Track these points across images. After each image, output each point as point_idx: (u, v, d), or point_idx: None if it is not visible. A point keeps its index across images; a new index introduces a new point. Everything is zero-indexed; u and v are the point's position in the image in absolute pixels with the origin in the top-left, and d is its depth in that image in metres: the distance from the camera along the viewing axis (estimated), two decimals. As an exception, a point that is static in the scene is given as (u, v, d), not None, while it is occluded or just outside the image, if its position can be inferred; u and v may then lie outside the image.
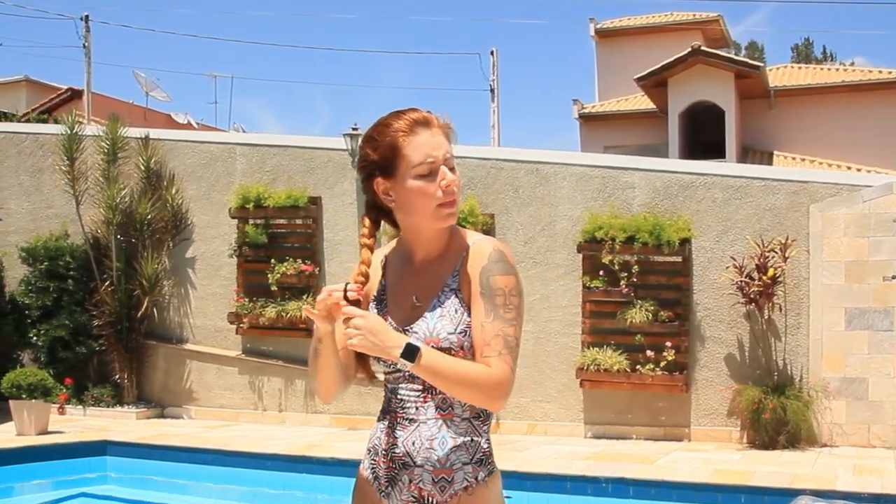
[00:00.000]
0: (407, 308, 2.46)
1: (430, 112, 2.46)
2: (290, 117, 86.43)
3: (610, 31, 25.69)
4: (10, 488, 8.88)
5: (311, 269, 11.51)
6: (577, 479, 7.99)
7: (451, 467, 2.40)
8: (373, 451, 2.53)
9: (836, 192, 10.18)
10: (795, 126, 22.12)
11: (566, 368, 10.81)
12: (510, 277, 2.40)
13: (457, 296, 2.41)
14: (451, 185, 2.40)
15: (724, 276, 10.24)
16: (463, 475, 2.41)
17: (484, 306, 2.37)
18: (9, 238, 12.79)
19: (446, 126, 2.46)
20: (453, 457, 2.41)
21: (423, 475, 2.41)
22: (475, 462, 2.43)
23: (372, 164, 2.45)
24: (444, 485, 2.40)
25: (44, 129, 13.86)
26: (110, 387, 12.00)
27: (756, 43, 56.15)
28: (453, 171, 2.42)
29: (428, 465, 2.41)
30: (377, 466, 2.50)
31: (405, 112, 2.44)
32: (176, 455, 9.28)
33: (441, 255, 2.48)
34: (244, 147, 12.35)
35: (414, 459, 2.42)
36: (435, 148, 2.40)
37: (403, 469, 2.43)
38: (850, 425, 9.94)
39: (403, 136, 2.39)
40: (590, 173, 10.98)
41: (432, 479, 2.41)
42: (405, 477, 2.43)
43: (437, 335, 2.37)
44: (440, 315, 2.40)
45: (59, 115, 19.99)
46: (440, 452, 2.40)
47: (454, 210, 2.43)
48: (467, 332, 2.39)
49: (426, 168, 2.38)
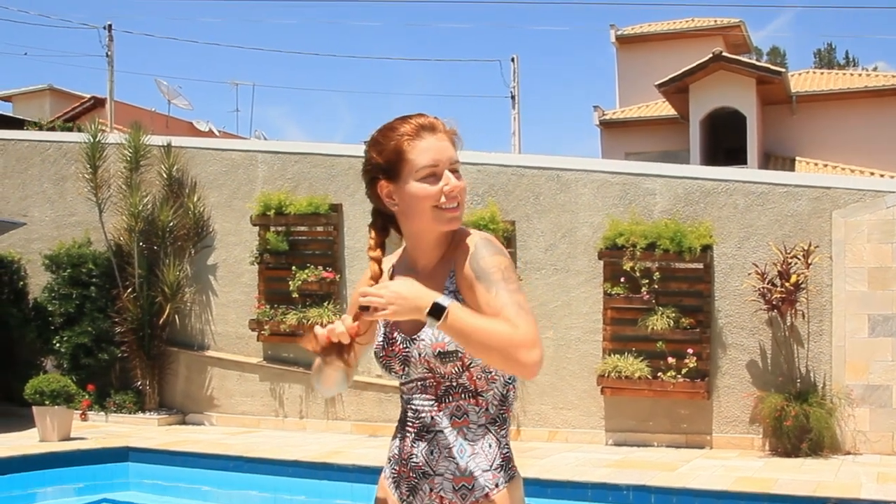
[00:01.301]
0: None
1: (436, 118, 2.46)
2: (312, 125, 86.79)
3: (631, 38, 25.65)
4: (33, 494, 8.94)
5: (332, 276, 11.53)
6: (598, 487, 7.97)
7: (470, 474, 2.40)
8: (393, 459, 2.53)
9: (860, 197, 10.11)
10: (818, 132, 22.01)
11: (587, 375, 10.78)
12: (500, 257, 2.38)
13: (456, 297, 2.37)
14: (455, 190, 2.39)
15: (746, 283, 10.19)
16: (483, 482, 2.40)
17: (483, 287, 2.32)
18: (32, 245, 12.88)
19: (452, 132, 2.46)
20: (472, 464, 2.40)
21: (443, 483, 2.41)
22: (495, 468, 2.42)
23: (376, 168, 2.47)
24: (465, 492, 2.40)
25: (67, 137, 13.96)
26: (132, 393, 12.05)
27: (778, 48, 56.01)
28: (458, 177, 2.41)
29: (447, 473, 2.41)
30: (398, 476, 2.50)
31: (411, 117, 2.44)
32: (197, 461, 9.32)
33: (442, 261, 2.47)
34: (265, 154, 12.39)
35: (434, 469, 2.42)
36: (439, 152, 2.39)
37: (424, 478, 2.44)
38: (873, 433, 9.86)
39: (408, 139, 2.40)
40: (611, 180, 10.96)
41: (453, 487, 2.41)
42: (426, 486, 2.44)
43: (442, 339, 2.36)
44: None
45: (82, 123, 20.15)
46: (459, 460, 2.40)
47: (457, 214, 2.41)
48: None
49: (429, 171, 2.38)
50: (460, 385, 2.41)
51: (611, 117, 24.17)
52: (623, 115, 24.40)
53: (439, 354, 2.37)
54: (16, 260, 12.74)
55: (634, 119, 24.07)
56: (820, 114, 22.20)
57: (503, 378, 2.46)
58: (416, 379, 2.46)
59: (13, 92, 27.74)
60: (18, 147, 13.33)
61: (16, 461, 9.02)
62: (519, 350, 2.18)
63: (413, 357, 2.42)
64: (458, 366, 2.38)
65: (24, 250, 12.85)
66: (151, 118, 22.71)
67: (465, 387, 2.41)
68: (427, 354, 2.39)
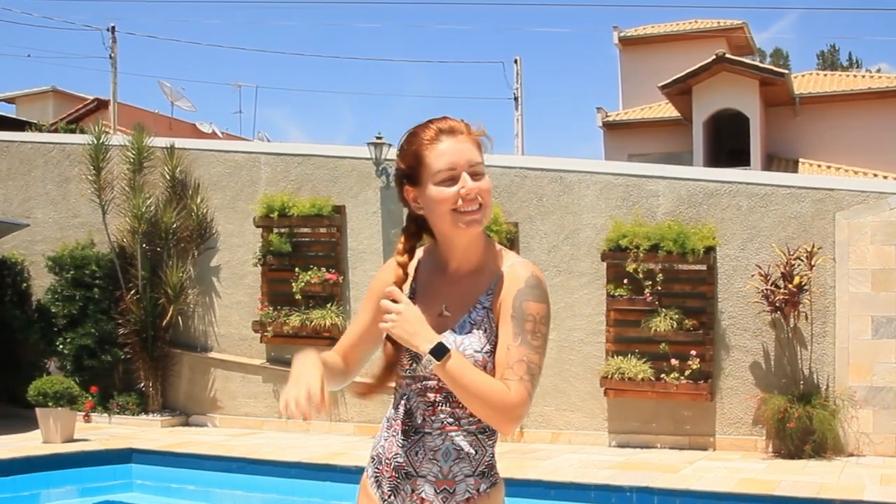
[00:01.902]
0: (434, 315, 2.45)
1: (461, 121, 2.46)
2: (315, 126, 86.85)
3: (634, 39, 25.61)
4: (37, 495, 8.95)
5: (336, 278, 11.53)
6: (601, 489, 7.97)
7: (453, 479, 2.42)
8: (377, 458, 2.55)
9: (863, 199, 10.11)
10: (821, 133, 21.97)
11: (590, 377, 10.78)
12: (542, 305, 2.40)
13: (488, 316, 2.40)
14: (472, 192, 2.39)
15: (750, 285, 10.19)
16: (465, 487, 2.43)
17: (513, 329, 2.36)
18: (35, 247, 12.89)
19: (478, 134, 2.47)
20: (456, 468, 2.42)
21: (424, 486, 2.43)
22: (477, 474, 2.45)
23: (400, 173, 2.49)
24: (447, 495, 2.43)
25: (70, 139, 13.97)
26: (135, 395, 12.05)
27: (781, 50, 56.00)
28: (479, 179, 2.41)
29: (430, 475, 2.43)
30: (381, 475, 2.52)
31: (434, 121, 2.46)
32: (200, 463, 9.33)
33: (476, 269, 2.48)
34: (269, 156, 12.40)
35: (417, 470, 2.44)
36: (456, 155, 2.40)
37: (406, 479, 2.46)
38: (877, 434, 9.85)
39: (427, 144, 2.41)
40: (614, 181, 10.96)
41: (434, 490, 2.43)
42: (408, 486, 2.46)
43: (463, 350, 2.37)
44: (469, 332, 2.40)
45: (85, 125, 20.18)
46: (443, 464, 2.42)
47: (477, 217, 2.41)
48: (492, 354, 2.38)
49: (447, 175, 2.39)
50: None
51: (614, 119, 24.15)
52: (626, 116, 24.37)
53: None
54: (19, 261, 12.75)
55: (637, 121, 24.03)
56: (823, 115, 22.16)
57: None
58: (419, 377, 2.46)
59: (16, 93, 27.75)
60: (22, 149, 13.34)
61: (19, 463, 9.03)
62: (501, 411, 2.31)
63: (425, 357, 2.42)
64: None
65: (28, 252, 12.86)
66: (155, 120, 22.72)
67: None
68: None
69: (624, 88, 25.72)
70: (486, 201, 2.43)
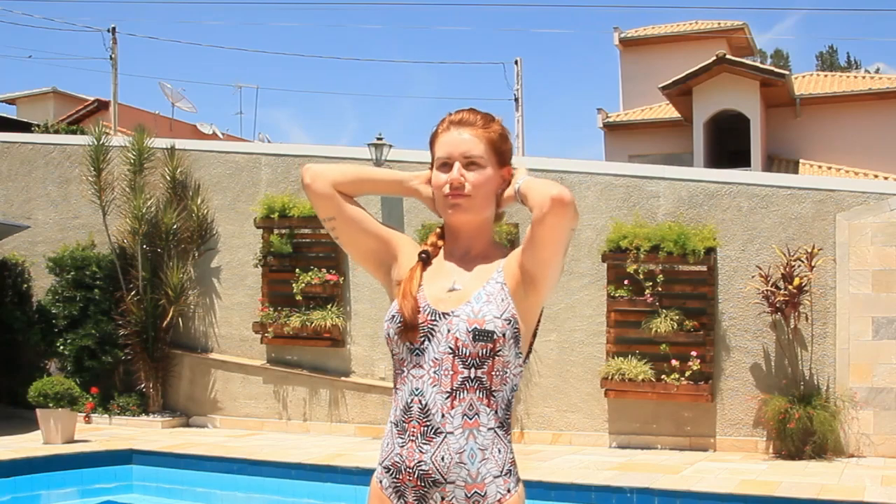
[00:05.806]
0: (442, 290, 2.47)
1: (481, 115, 2.57)
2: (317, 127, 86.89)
3: (634, 41, 25.62)
4: (37, 496, 8.95)
5: (336, 279, 11.53)
6: (601, 490, 7.96)
7: (482, 481, 2.38)
8: (394, 468, 2.46)
9: (863, 200, 10.11)
10: (821, 134, 21.97)
11: (591, 378, 10.77)
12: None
13: (503, 289, 2.45)
14: (456, 182, 2.48)
15: (750, 286, 10.19)
16: (495, 488, 2.39)
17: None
18: (36, 248, 12.89)
19: (492, 127, 2.55)
20: (483, 470, 2.38)
21: (455, 491, 2.38)
22: (504, 474, 2.41)
23: None
24: (478, 499, 2.38)
25: (71, 140, 13.97)
26: (136, 396, 12.06)
27: (781, 51, 56.00)
28: (471, 169, 2.49)
29: (459, 480, 2.37)
30: (402, 485, 2.44)
31: (454, 112, 2.59)
32: (201, 464, 9.32)
33: (484, 255, 2.57)
34: (269, 157, 12.40)
35: (445, 476, 2.38)
36: (454, 145, 2.51)
37: (434, 487, 2.39)
38: (877, 435, 9.85)
39: (438, 133, 2.57)
40: (614, 182, 10.96)
41: (465, 495, 2.38)
42: (437, 495, 2.39)
43: (482, 317, 2.38)
44: (486, 300, 2.42)
45: (86, 126, 20.19)
46: (471, 467, 2.38)
47: (461, 203, 2.49)
48: (511, 322, 2.40)
49: (442, 162, 2.52)
50: (476, 379, 2.38)
51: (614, 120, 24.14)
52: (626, 117, 24.36)
53: (475, 331, 2.37)
54: (20, 262, 12.75)
55: (638, 122, 24.03)
56: (823, 116, 22.16)
57: (512, 382, 2.45)
58: (430, 359, 2.41)
59: (17, 94, 27.74)
60: (22, 150, 13.35)
61: (20, 463, 9.03)
62: (561, 190, 2.44)
63: (440, 332, 2.40)
64: (488, 349, 2.37)
65: (28, 253, 12.87)
66: (155, 121, 22.72)
67: (481, 382, 2.38)
68: (459, 331, 2.38)
69: (624, 89, 25.72)
70: (475, 192, 2.50)
